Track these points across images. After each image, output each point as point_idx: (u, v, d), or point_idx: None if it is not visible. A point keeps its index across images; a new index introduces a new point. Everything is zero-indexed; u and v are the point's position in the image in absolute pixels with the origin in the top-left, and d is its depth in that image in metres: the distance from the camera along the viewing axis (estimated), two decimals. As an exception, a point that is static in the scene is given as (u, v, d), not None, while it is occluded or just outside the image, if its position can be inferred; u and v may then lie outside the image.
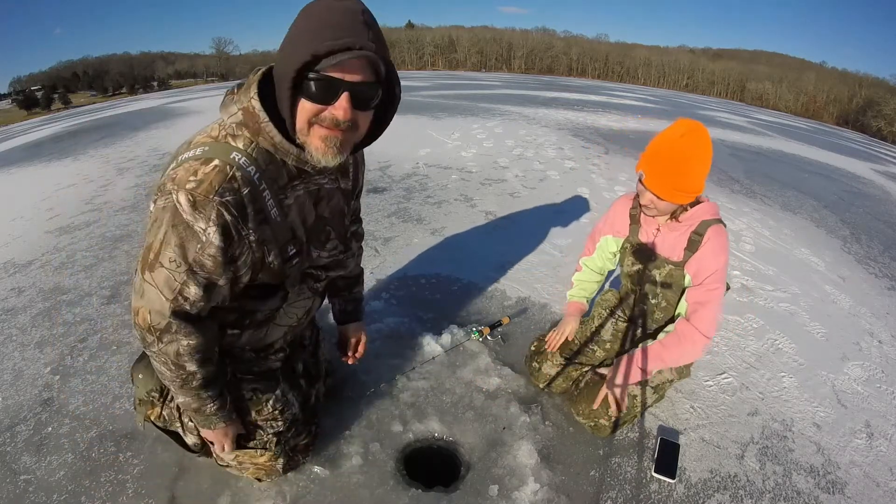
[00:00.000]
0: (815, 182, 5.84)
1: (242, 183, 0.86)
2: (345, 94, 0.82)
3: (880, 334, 2.37)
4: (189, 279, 0.88)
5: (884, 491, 1.48)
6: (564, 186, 4.19)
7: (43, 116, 27.88)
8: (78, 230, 3.27)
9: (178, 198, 0.83)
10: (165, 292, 0.88)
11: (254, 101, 0.88)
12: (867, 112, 53.80)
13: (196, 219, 0.84)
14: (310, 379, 1.46)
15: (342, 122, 0.84)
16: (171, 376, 0.99)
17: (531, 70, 73.38)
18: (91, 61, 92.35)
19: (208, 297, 0.93)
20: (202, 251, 0.86)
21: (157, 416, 1.27)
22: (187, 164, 0.86)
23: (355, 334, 1.50)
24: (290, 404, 1.29)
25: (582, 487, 1.39)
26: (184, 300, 0.90)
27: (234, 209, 0.86)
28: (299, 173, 0.97)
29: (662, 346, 1.48)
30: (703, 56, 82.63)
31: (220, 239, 0.86)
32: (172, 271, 0.87)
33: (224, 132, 0.90)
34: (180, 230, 0.85)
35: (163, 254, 0.86)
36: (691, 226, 1.41)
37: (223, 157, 0.86)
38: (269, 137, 0.89)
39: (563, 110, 9.65)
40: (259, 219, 0.92)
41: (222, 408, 1.10)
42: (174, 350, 0.94)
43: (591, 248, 1.74)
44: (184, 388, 1.02)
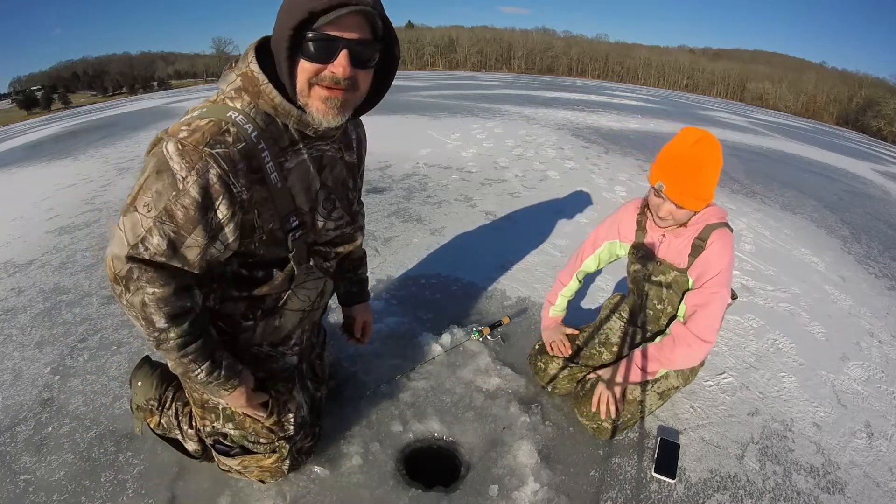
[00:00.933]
0: (815, 182, 5.84)
1: (236, 138, 0.85)
2: (343, 51, 0.81)
3: (880, 334, 2.37)
4: (154, 227, 0.83)
5: (884, 491, 1.48)
6: (564, 186, 4.19)
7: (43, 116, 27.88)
8: (78, 230, 3.27)
9: (167, 146, 0.83)
10: (129, 236, 0.85)
11: (252, 65, 0.88)
12: (867, 112, 53.80)
13: (180, 167, 0.81)
14: (315, 381, 1.46)
15: (342, 81, 0.84)
16: (145, 334, 0.93)
17: (531, 70, 73.38)
18: (91, 61, 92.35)
19: (171, 254, 0.87)
20: (175, 200, 0.82)
21: (156, 424, 1.27)
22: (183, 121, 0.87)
23: (362, 316, 1.49)
24: (300, 406, 1.28)
25: (582, 487, 1.39)
26: (144, 249, 0.85)
27: (223, 161, 0.83)
28: (301, 137, 0.96)
29: (657, 348, 1.48)
30: (703, 56, 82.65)
31: (197, 191, 0.82)
32: (142, 216, 0.84)
33: (223, 96, 0.91)
34: (162, 177, 0.82)
35: (139, 199, 0.84)
36: (696, 231, 1.40)
37: (219, 115, 0.86)
38: (270, 99, 0.88)
39: (563, 110, 9.65)
40: (254, 177, 0.89)
41: (213, 373, 1.00)
42: (139, 300, 0.88)
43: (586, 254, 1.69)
44: (160, 347, 0.94)
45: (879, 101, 53.56)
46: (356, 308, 1.49)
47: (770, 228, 3.69)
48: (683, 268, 1.44)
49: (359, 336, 1.51)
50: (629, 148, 6.09)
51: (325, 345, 1.55)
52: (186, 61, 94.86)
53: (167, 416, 1.26)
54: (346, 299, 1.48)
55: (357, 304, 1.49)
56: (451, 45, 79.88)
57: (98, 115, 12.97)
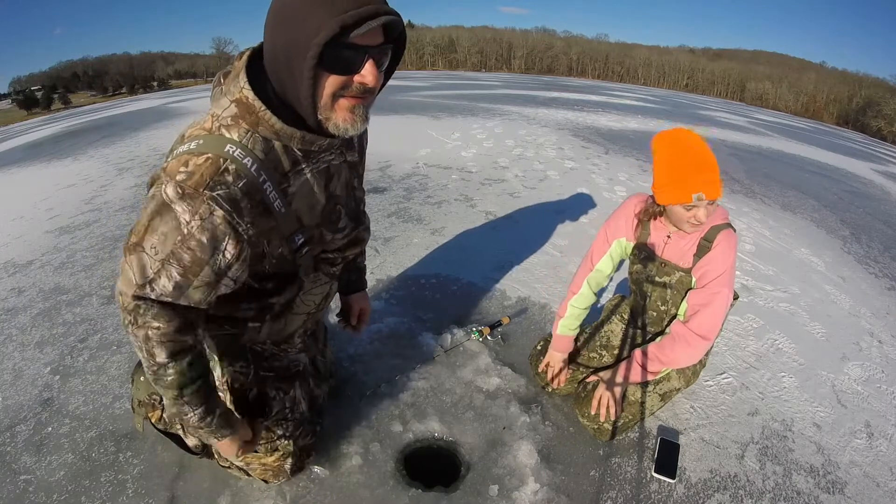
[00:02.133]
0: (815, 182, 5.84)
1: (236, 175, 0.82)
2: (370, 60, 0.80)
3: (880, 334, 2.37)
4: (162, 269, 0.84)
5: (884, 491, 1.48)
6: (564, 186, 4.19)
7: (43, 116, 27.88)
8: (78, 230, 3.27)
9: (167, 189, 0.80)
10: (137, 276, 0.84)
11: (246, 91, 0.84)
12: (867, 112, 53.83)
13: (182, 210, 0.80)
14: (318, 378, 1.46)
15: (371, 88, 0.82)
16: (146, 364, 0.93)
17: (531, 70, 73.41)
18: (91, 61, 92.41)
19: (177, 295, 0.87)
20: (182, 243, 0.82)
21: (157, 419, 1.27)
22: (179, 157, 0.83)
23: (358, 303, 1.49)
24: (298, 403, 1.29)
25: (582, 487, 1.39)
26: (150, 290, 0.85)
27: (226, 203, 0.82)
28: (304, 155, 0.93)
29: (658, 347, 1.47)
30: (703, 56, 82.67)
31: (203, 235, 0.82)
32: (150, 258, 0.84)
33: (217, 123, 0.86)
34: (166, 220, 0.81)
35: (146, 240, 0.83)
36: (701, 232, 1.40)
37: (216, 150, 0.82)
38: (270, 126, 0.85)
39: (563, 110, 9.65)
40: (258, 211, 0.87)
41: (204, 419, 0.99)
42: (143, 334, 0.88)
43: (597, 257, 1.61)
44: (157, 383, 0.94)
45: (879, 101, 53.59)
46: (354, 296, 1.48)
47: (770, 228, 3.69)
48: (688, 268, 1.43)
49: (354, 323, 1.50)
50: (629, 148, 6.09)
51: (326, 341, 1.55)
52: (186, 61, 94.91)
53: None
54: (345, 287, 1.47)
55: (355, 293, 1.48)
56: (451, 45, 79.90)
57: (98, 115, 12.97)
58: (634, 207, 1.53)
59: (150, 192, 0.85)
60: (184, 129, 0.91)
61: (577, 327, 1.67)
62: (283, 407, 1.24)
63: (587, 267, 1.63)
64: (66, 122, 12.73)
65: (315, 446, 1.39)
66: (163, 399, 1.28)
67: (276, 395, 1.23)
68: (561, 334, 1.66)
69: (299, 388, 1.30)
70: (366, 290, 1.51)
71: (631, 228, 1.54)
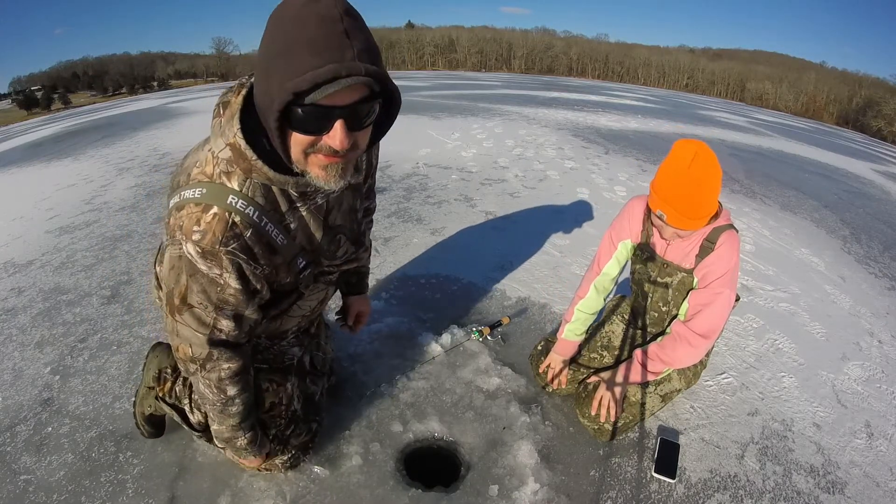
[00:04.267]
0: (815, 182, 5.84)
1: (244, 227, 0.88)
2: (339, 121, 0.74)
3: (880, 334, 2.37)
4: (219, 315, 0.95)
5: (884, 491, 1.48)
6: (564, 186, 4.19)
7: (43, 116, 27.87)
8: (78, 230, 3.27)
9: (188, 249, 0.88)
10: (200, 329, 0.96)
11: (238, 139, 0.82)
12: (867, 112, 53.80)
13: (209, 267, 0.89)
14: (315, 375, 1.46)
15: (340, 150, 0.77)
16: (213, 399, 1.06)
17: (531, 70, 73.40)
18: (91, 61, 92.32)
19: (239, 326, 1.00)
20: (223, 292, 0.93)
21: (167, 391, 1.31)
22: (189, 211, 0.87)
23: (357, 306, 1.53)
24: (292, 400, 1.30)
25: (582, 487, 1.39)
26: (219, 332, 0.97)
27: (241, 254, 0.90)
28: (301, 196, 0.96)
29: (659, 347, 1.47)
30: (703, 56, 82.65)
31: (236, 281, 0.92)
32: (203, 310, 0.94)
33: (217, 169, 0.87)
34: (199, 278, 0.91)
35: (189, 297, 0.93)
36: (704, 233, 1.39)
37: (220, 204, 0.86)
38: (263, 174, 0.85)
39: (563, 110, 9.65)
40: (268, 252, 0.95)
41: (253, 442, 1.17)
42: (216, 377, 1.02)
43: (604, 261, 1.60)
44: (223, 412, 1.09)
45: (879, 101, 53.56)
46: (354, 298, 1.53)
47: (770, 228, 3.69)
48: (690, 268, 1.43)
49: (351, 324, 1.55)
50: (629, 148, 6.08)
51: (326, 338, 1.56)
52: (186, 61, 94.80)
53: (180, 385, 1.30)
54: (345, 289, 1.52)
55: (355, 295, 1.53)
56: (451, 45, 79.89)
57: (98, 115, 12.97)
58: (638, 207, 1.53)
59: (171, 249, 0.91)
60: (188, 161, 0.93)
61: (583, 332, 1.67)
62: (276, 400, 1.26)
63: (594, 271, 1.62)
64: (66, 122, 12.73)
65: (312, 444, 1.38)
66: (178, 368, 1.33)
67: (269, 386, 1.25)
68: (566, 339, 1.66)
69: (293, 385, 1.31)
70: (366, 294, 1.54)
71: (635, 229, 1.54)
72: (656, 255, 1.50)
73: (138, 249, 2.86)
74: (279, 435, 1.28)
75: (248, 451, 1.19)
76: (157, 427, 1.44)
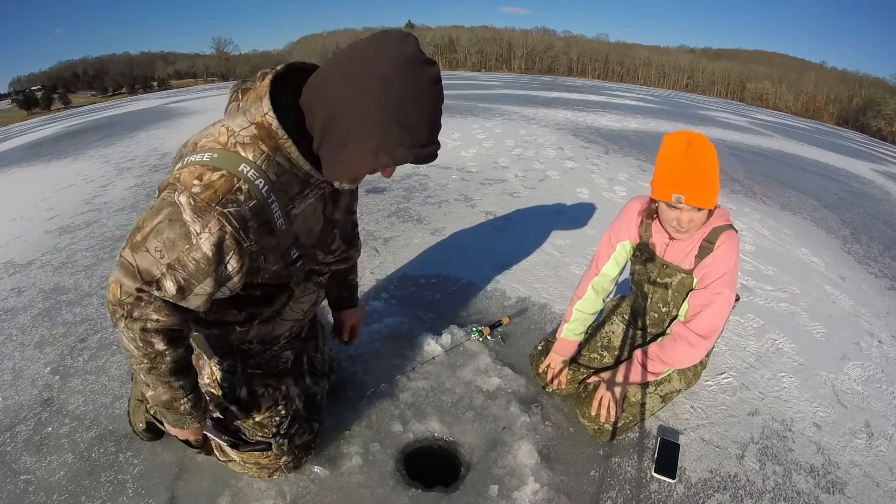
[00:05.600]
0: (815, 182, 5.84)
1: (248, 195, 0.86)
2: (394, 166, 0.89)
3: (880, 334, 2.37)
4: (167, 273, 0.86)
5: (884, 491, 1.48)
6: (564, 186, 4.19)
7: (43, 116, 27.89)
8: (78, 230, 3.27)
9: (180, 198, 0.83)
10: (141, 273, 0.86)
11: (269, 118, 0.86)
12: (867, 112, 53.79)
13: (192, 221, 0.83)
14: (315, 375, 1.46)
15: None
16: (139, 356, 0.93)
17: (531, 70, 73.40)
18: (91, 61, 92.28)
19: (180, 297, 0.89)
20: (188, 252, 0.85)
21: None
22: (193, 167, 0.85)
23: (350, 320, 1.54)
24: (291, 400, 1.29)
25: (582, 487, 1.39)
26: (157, 289, 0.87)
27: (235, 220, 0.85)
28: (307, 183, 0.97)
29: (659, 348, 1.47)
30: (703, 56, 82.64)
31: (210, 247, 0.85)
32: (156, 259, 0.85)
33: (233, 140, 0.88)
34: (174, 227, 0.83)
35: (150, 241, 0.85)
36: (703, 233, 1.39)
37: (231, 168, 0.85)
38: (287, 154, 0.88)
39: (563, 110, 9.65)
40: (263, 230, 0.91)
41: (197, 406, 1.05)
42: (140, 326, 0.90)
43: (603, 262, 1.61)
44: (152, 371, 0.95)
45: (879, 101, 53.55)
46: (345, 313, 1.53)
47: (770, 228, 3.69)
48: (690, 269, 1.43)
49: (346, 339, 1.56)
50: (629, 148, 6.09)
51: (324, 339, 1.56)
52: (186, 61, 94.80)
53: None
54: (336, 304, 1.52)
55: (346, 309, 1.52)
56: (451, 45, 79.90)
57: (98, 115, 12.98)
58: (636, 208, 1.53)
59: (161, 194, 0.87)
60: (195, 137, 0.93)
61: (581, 332, 1.66)
62: (273, 403, 1.26)
63: (592, 271, 1.63)
64: (66, 122, 12.73)
65: (314, 444, 1.39)
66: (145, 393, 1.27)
67: (265, 391, 1.25)
68: (565, 338, 1.66)
69: (292, 385, 1.31)
70: (357, 307, 1.54)
71: (634, 230, 1.54)
72: (656, 256, 1.50)
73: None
74: (282, 432, 1.27)
75: (192, 417, 1.04)
76: (154, 432, 1.43)
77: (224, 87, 29.03)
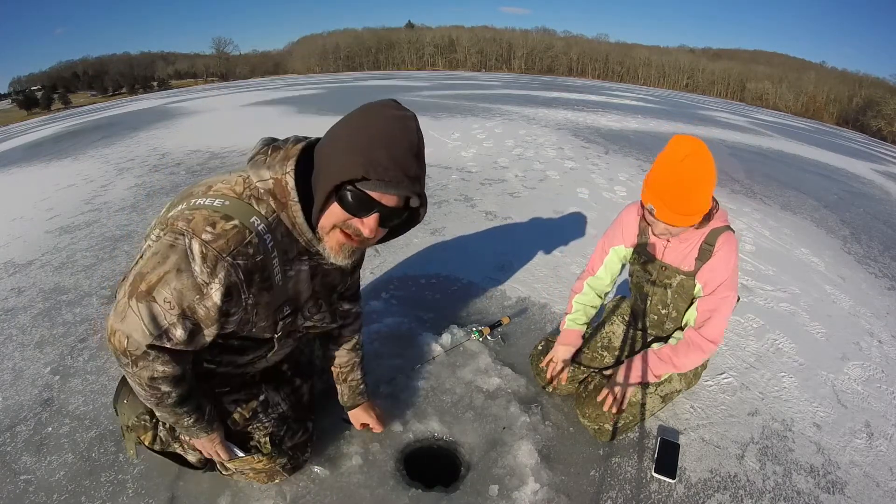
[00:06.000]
0: (815, 182, 5.84)
1: (256, 250, 0.88)
2: (376, 214, 0.88)
3: (880, 334, 2.37)
4: (178, 322, 0.87)
5: (884, 491, 1.48)
6: (564, 186, 4.19)
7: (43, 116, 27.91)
8: (78, 230, 3.27)
9: (192, 245, 0.83)
10: (150, 327, 0.87)
11: (288, 178, 0.89)
12: (867, 112, 53.77)
13: (201, 271, 0.84)
14: (302, 375, 1.46)
15: (364, 237, 0.91)
16: (145, 395, 0.98)
17: (531, 70, 73.38)
18: (91, 61, 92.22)
19: (190, 342, 0.91)
20: (199, 302, 0.86)
21: (151, 441, 1.24)
22: (205, 212, 0.86)
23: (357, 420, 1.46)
24: (275, 405, 1.29)
25: (582, 487, 1.39)
26: (167, 339, 0.89)
27: (242, 273, 0.87)
28: (307, 250, 1.00)
29: (672, 351, 1.47)
30: (703, 56, 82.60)
31: (220, 297, 0.87)
32: (165, 311, 0.86)
33: (249, 192, 0.90)
34: (184, 277, 0.84)
35: (158, 290, 0.85)
36: (702, 235, 1.39)
37: (243, 219, 0.86)
38: (292, 216, 0.92)
39: (563, 110, 9.65)
40: (263, 286, 0.94)
41: (199, 420, 1.09)
42: (148, 375, 0.93)
43: (597, 266, 1.65)
44: (159, 406, 1.01)
45: (879, 101, 53.51)
46: (354, 412, 1.45)
47: (770, 228, 3.69)
48: (690, 271, 1.43)
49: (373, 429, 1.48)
50: (629, 148, 6.09)
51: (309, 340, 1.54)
52: (186, 61, 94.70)
53: (163, 430, 1.24)
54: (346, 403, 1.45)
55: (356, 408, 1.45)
56: (451, 45, 79.88)
57: (98, 115, 12.98)
58: (632, 212, 1.56)
59: (163, 237, 0.86)
60: (209, 179, 0.95)
61: (584, 323, 1.67)
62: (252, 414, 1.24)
63: (587, 272, 1.68)
64: (66, 122, 12.73)
65: (310, 442, 1.38)
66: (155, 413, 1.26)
67: (237, 409, 1.23)
68: (568, 328, 1.67)
69: (271, 391, 1.29)
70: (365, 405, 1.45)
71: (629, 235, 1.56)
72: (654, 258, 1.50)
73: (138, 249, 2.86)
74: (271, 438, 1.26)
75: (198, 429, 1.10)
76: None
77: (224, 87, 29.03)
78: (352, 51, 79.68)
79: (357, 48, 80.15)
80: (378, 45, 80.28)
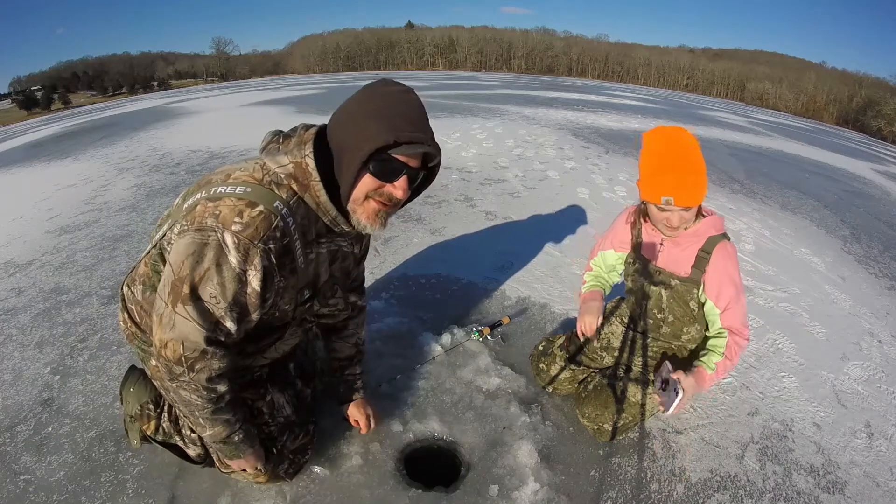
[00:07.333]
0: (815, 182, 5.84)
1: (283, 233, 0.91)
2: (404, 176, 0.95)
3: (880, 334, 2.37)
4: (227, 314, 0.92)
5: (884, 491, 1.48)
6: (564, 186, 4.19)
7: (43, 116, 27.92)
8: (78, 230, 3.27)
9: (224, 238, 0.87)
10: (203, 324, 0.91)
11: (308, 160, 0.94)
12: (867, 112, 53.77)
13: (237, 261, 0.88)
14: (304, 378, 1.46)
15: (397, 200, 0.97)
16: (201, 403, 0.99)
17: (531, 70, 73.37)
18: (91, 61, 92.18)
19: (239, 331, 0.96)
20: (242, 291, 0.91)
21: (154, 430, 1.25)
22: (230, 202, 0.88)
23: (352, 415, 1.46)
24: (280, 408, 1.29)
25: (582, 487, 1.39)
26: (220, 332, 0.93)
27: (274, 257, 0.91)
28: (327, 231, 1.03)
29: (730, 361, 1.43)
30: (703, 56, 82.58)
31: (258, 283, 0.91)
32: (212, 305, 0.90)
33: (268, 178, 0.94)
34: (224, 271, 0.88)
35: (202, 288, 0.89)
36: (698, 242, 1.39)
37: (268, 205, 0.89)
38: (316, 195, 0.95)
39: (563, 110, 9.65)
40: (290, 268, 0.97)
41: (249, 433, 1.12)
42: (206, 376, 0.96)
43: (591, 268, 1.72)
44: (215, 413, 1.02)
45: (879, 101, 53.53)
46: (345, 406, 1.46)
47: (770, 228, 3.69)
48: (685, 277, 1.43)
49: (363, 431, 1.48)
50: (629, 148, 6.08)
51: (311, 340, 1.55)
52: (186, 61, 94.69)
53: (166, 421, 1.25)
54: (341, 397, 1.46)
55: (350, 402, 1.45)
56: (451, 45, 79.88)
57: (98, 115, 12.98)
58: (624, 219, 1.57)
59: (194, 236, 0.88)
60: (226, 167, 0.98)
61: (603, 286, 1.67)
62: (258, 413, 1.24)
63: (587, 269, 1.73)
64: (66, 122, 12.74)
65: (311, 445, 1.38)
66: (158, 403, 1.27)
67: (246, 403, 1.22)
68: (589, 289, 1.67)
69: (276, 393, 1.29)
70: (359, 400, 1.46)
71: (624, 239, 1.58)
72: (648, 263, 1.51)
73: (138, 249, 2.86)
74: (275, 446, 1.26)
75: (245, 445, 1.11)
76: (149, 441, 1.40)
77: (224, 87, 29.03)
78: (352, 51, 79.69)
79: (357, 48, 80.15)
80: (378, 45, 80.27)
